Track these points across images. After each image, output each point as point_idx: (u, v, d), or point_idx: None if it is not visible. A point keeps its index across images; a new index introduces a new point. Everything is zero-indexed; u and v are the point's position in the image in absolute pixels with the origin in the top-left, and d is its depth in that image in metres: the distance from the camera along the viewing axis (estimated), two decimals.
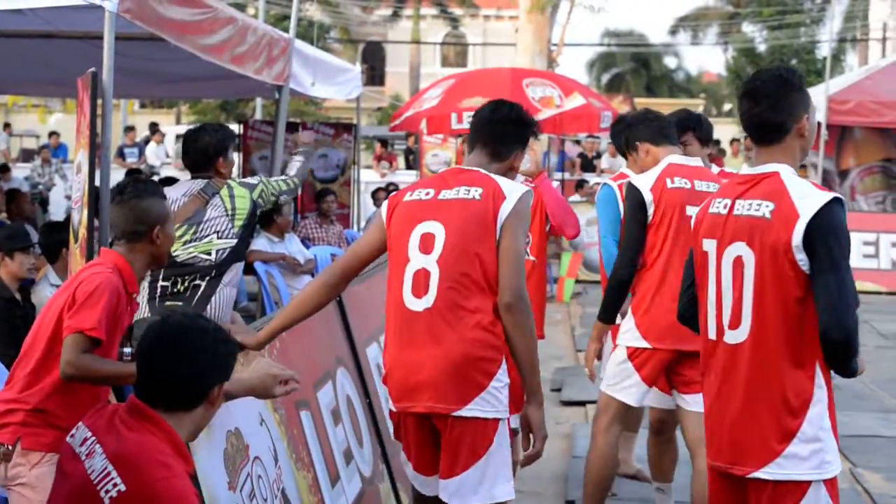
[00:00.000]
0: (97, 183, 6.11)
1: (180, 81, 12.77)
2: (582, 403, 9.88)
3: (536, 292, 6.38)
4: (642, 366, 5.86)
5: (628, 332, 5.91)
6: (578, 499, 7.26)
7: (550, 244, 17.15)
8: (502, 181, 4.57)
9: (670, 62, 60.88)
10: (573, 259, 17.23)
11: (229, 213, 6.16)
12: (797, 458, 3.87)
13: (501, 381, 4.49)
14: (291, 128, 16.59)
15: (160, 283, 6.01)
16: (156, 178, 17.72)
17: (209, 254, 6.07)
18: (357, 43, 57.15)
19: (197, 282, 6.02)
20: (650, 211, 5.81)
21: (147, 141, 28.49)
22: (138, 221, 4.44)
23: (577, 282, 17.39)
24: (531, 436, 4.62)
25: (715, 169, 6.80)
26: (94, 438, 3.44)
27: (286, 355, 5.25)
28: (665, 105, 47.37)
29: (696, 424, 5.53)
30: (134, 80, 11.99)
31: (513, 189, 4.52)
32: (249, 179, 6.57)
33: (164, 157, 27.71)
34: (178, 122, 42.25)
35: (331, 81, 13.43)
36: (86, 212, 5.92)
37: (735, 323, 3.94)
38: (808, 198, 3.85)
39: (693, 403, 5.70)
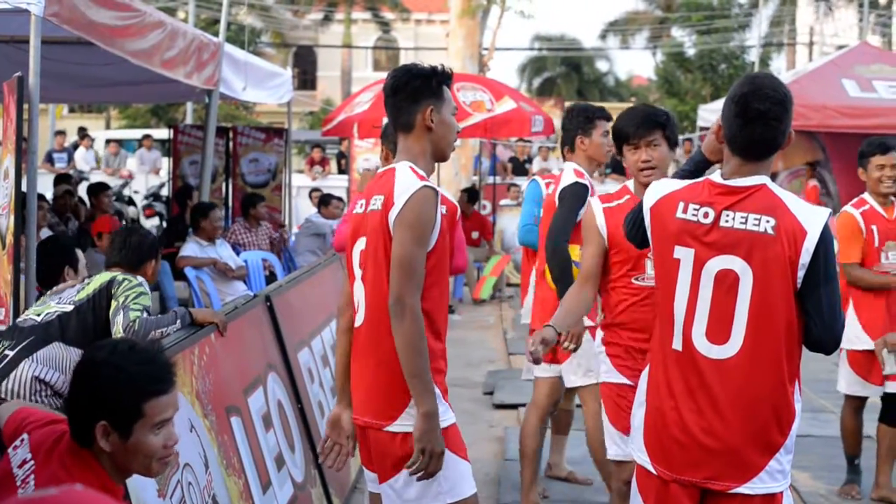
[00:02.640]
0: (24, 188, 6.05)
1: (109, 86, 12.69)
2: (514, 406, 9.91)
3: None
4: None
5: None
6: (511, 502, 7.29)
7: (482, 248, 17.26)
8: (400, 183, 4.38)
9: (601, 66, 61.24)
10: (500, 260, 17.29)
11: (83, 284, 5.75)
12: (777, 471, 3.90)
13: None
14: (222, 132, 16.57)
15: None
16: (85, 183, 17.59)
17: (38, 315, 5.59)
18: (288, 47, 56.92)
19: (6, 352, 5.48)
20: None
21: (76, 146, 28.24)
22: None
23: (509, 285, 17.45)
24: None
25: None
26: (32, 464, 3.35)
27: (216, 361, 5.23)
28: None
29: None
30: (62, 84, 11.89)
31: (403, 191, 4.34)
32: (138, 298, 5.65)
33: (93, 162, 27.50)
34: (107, 126, 41.90)
35: (262, 86, 13.40)
36: (13, 217, 5.86)
37: (720, 338, 3.85)
38: (809, 213, 3.83)
39: None
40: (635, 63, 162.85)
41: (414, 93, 4.47)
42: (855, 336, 7.22)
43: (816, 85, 18.22)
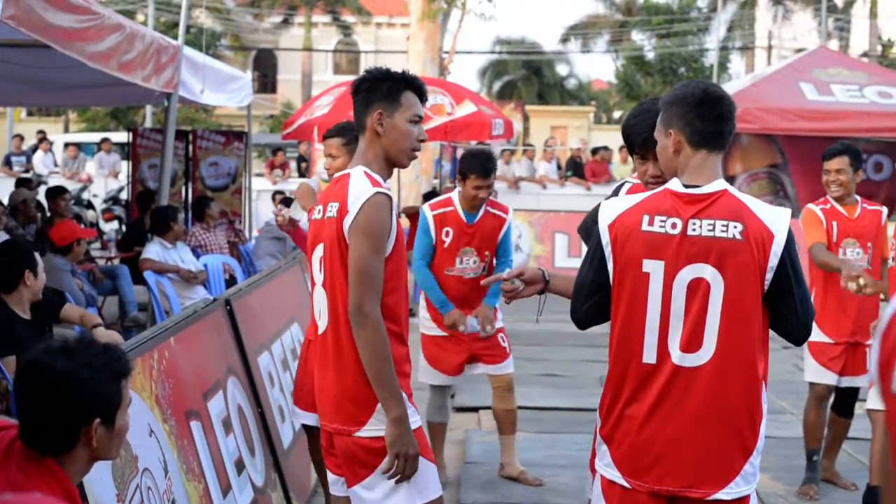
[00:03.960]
0: None
1: (68, 89, 12.61)
2: (475, 409, 9.93)
3: None
4: None
5: None
6: (471, 503, 7.31)
7: None
8: (353, 190, 4.38)
9: (562, 70, 61.35)
10: None
11: None
12: (750, 473, 3.91)
13: None
14: (182, 136, 16.50)
15: None
16: (43, 186, 17.48)
17: None
18: (248, 50, 56.84)
19: None
20: None
21: (35, 149, 28.05)
22: None
23: None
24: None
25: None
26: None
27: (176, 366, 5.20)
28: (556, 113, 47.87)
29: None
30: (20, 87, 11.83)
31: (356, 198, 4.34)
32: None
33: (51, 165, 27.31)
34: (66, 130, 41.66)
35: (221, 89, 13.37)
36: None
37: (693, 346, 3.83)
38: (773, 216, 3.86)
39: None
40: (596, 67, 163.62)
41: (366, 95, 4.48)
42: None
43: (775, 88, 18.33)
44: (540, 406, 10.02)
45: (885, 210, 7.56)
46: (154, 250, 11.06)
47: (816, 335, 7.34)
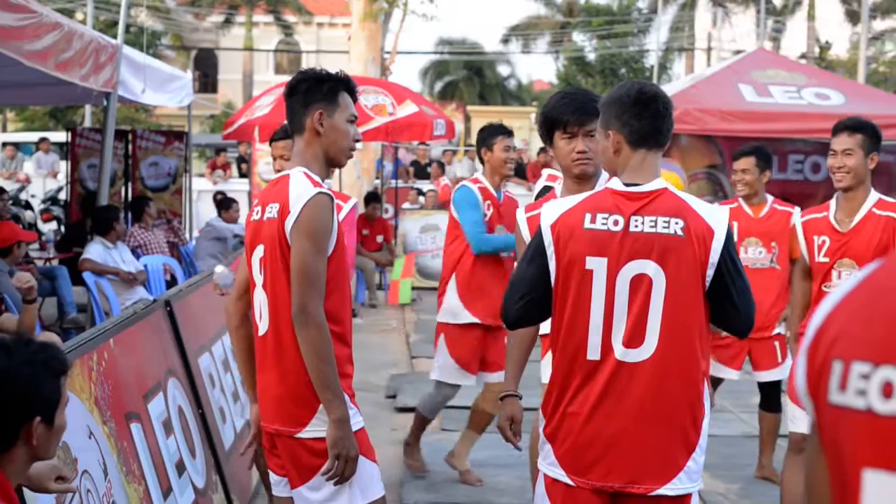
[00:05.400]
0: None
1: (4, 88, 12.48)
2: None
3: None
4: None
5: None
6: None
7: (384, 252, 17.26)
8: (294, 190, 4.37)
9: (503, 70, 61.50)
10: (406, 261, 17.26)
11: None
12: (693, 471, 3.94)
13: None
14: (121, 136, 16.38)
15: None
16: None
17: None
18: (189, 50, 56.51)
19: None
20: None
21: None
22: None
23: (413, 288, 17.44)
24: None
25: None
26: None
27: (115, 367, 5.17)
28: (497, 113, 47.93)
29: None
30: None
31: (297, 199, 4.33)
32: None
33: None
34: (3, 129, 41.24)
35: (162, 89, 13.29)
36: None
37: (635, 342, 3.85)
38: (713, 212, 3.93)
39: None
40: (537, 67, 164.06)
41: (305, 96, 4.48)
42: None
43: (714, 90, 18.45)
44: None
45: (796, 210, 7.62)
46: (96, 250, 10.98)
47: None
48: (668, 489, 3.89)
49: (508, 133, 7.70)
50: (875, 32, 47.07)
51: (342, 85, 4.54)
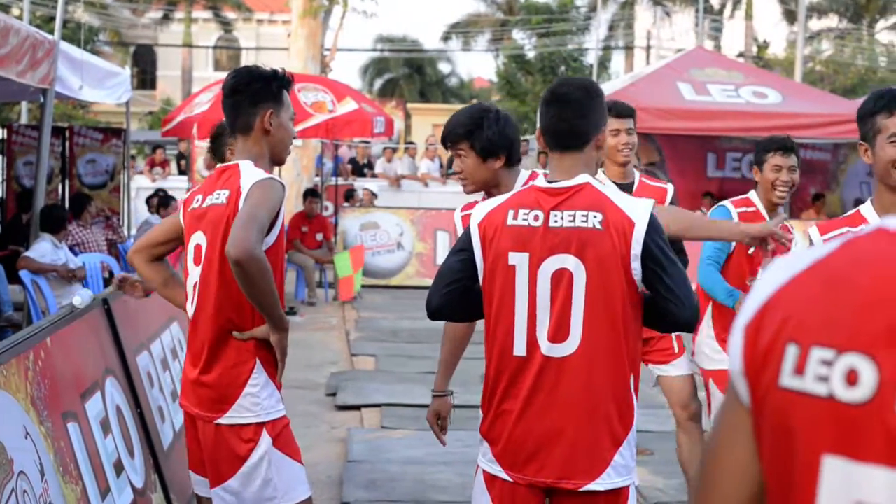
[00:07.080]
0: None
1: None
2: (357, 408, 9.91)
3: None
4: None
5: None
6: (353, 501, 7.30)
7: (324, 249, 17.20)
8: (246, 176, 4.40)
9: (443, 68, 61.54)
10: (355, 253, 17.14)
11: None
12: (622, 465, 3.92)
13: (257, 383, 4.48)
14: (58, 133, 16.23)
15: None
16: None
17: None
18: (127, 46, 56.05)
19: None
20: None
21: None
22: None
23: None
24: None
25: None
26: None
27: (52, 366, 5.12)
28: (438, 111, 47.98)
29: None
30: None
31: (250, 181, 4.37)
32: None
33: None
34: None
35: (100, 85, 13.18)
36: None
37: (560, 336, 3.85)
38: (634, 205, 3.89)
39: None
40: (477, 65, 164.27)
41: (254, 95, 4.48)
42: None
43: (653, 88, 18.59)
44: (421, 404, 9.98)
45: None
46: (45, 248, 10.88)
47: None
48: (597, 484, 3.89)
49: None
50: (812, 32, 47.55)
51: (287, 84, 4.59)
